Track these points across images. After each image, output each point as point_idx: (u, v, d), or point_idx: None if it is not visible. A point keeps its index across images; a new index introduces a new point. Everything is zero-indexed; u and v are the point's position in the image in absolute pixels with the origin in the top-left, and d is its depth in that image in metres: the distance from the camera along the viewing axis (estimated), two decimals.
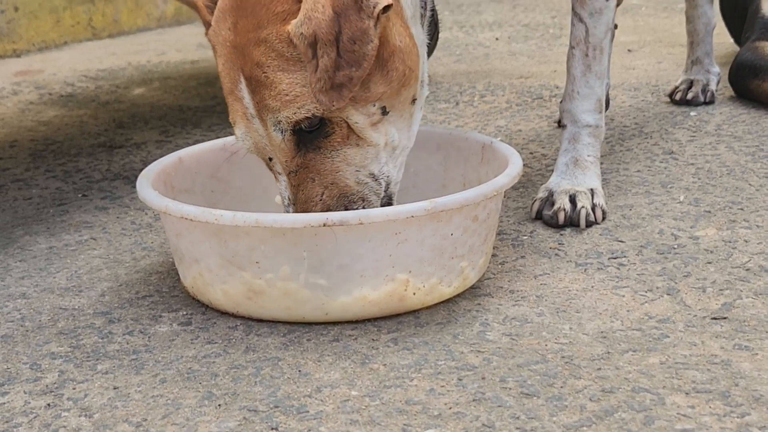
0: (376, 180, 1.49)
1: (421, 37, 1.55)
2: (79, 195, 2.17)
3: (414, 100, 1.51)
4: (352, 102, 1.41)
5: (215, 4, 1.50)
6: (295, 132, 1.43)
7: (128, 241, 1.87)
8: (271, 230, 1.38)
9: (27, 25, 4.16)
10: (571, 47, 1.89)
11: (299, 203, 1.47)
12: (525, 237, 1.78)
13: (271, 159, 1.48)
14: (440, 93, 2.98)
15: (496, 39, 3.95)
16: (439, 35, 3.30)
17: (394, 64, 1.42)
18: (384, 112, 1.45)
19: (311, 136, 1.43)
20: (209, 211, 1.41)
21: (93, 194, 2.17)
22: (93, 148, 2.55)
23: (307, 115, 1.40)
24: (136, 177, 2.25)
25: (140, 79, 3.49)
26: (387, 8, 1.34)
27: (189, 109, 2.96)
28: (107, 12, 4.47)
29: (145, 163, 2.37)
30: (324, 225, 1.36)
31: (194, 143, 2.54)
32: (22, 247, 1.86)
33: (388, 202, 1.52)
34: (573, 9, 1.87)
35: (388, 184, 1.51)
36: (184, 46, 4.19)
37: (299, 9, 1.35)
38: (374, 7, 1.31)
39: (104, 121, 2.86)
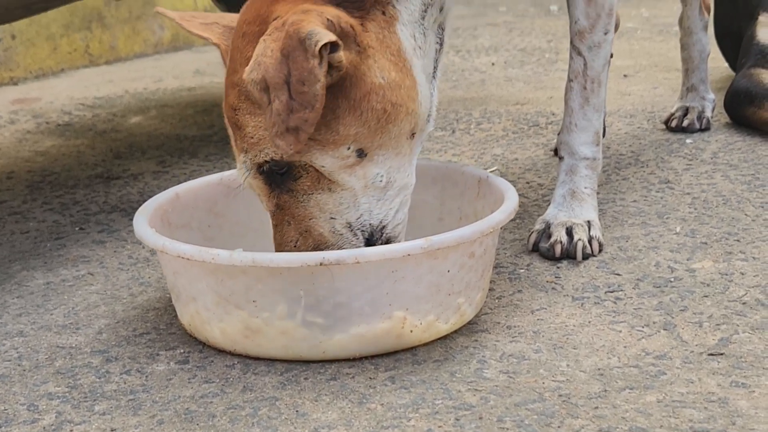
0: (353, 231, 1.47)
1: (429, 67, 1.53)
2: (77, 228, 2.17)
3: (413, 135, 1.49)
4: (317, 145, 1.39)
5: None
6: (264, 173, 1.44)
7: (125, 276, 1.87)
8: (268, 269, 1.39)
9: (24, 52, 4.17)
10: (569, 80, 1.90)
11: (276, 244, 1.49)
12: (522, 270, 1.78)
13: (259, 195, 1.50)
14: (437, 120, 2.98)
15: (492, 64, 3.96)
16: None
17: (370, 104, 1.40)
18: (361, 154, 1.43)
19: (282, 178, 1.44)
20: (206, 251, 1.42)
21: (90, 227, 2.17)
22: (90, 180, 2.56)
23: (266, 158, 1.41)
24: (134, 209, 2.26)
25: (137, 107, 3.50)
26: (334, 47, 1.32)
27: (186, 138, 2.97)
28: (104, 39, 4.48)
29: (143, 195, 2.38)
30: (321, 264, 1.37)
31: (191, 173, 2.54)
32: (20, 283, 1.86)
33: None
34: (571, 42, 1.88)
35: (381, 230, 1.50)
36: (181, 73, 4.20)
37: None
38: (315, 45, 1.29)
39: (101, 151, 2.86)
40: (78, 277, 1.88)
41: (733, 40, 2.99)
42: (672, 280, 1.70)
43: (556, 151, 2.51)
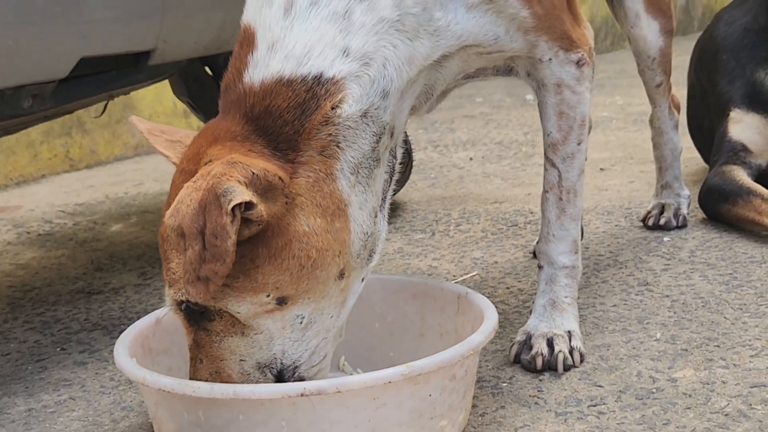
0: (261, 370, 1.47)
1: (372, 201, 1.52)
2: (58, 348, 2.17)
3: (341, 275, 1.47)
4: (234, 292, 1.39)
5: None
6: (183, 310, 1.44)
7: (107, 401, 1.86)
8: (249, 401, 1.38)
9: (5, 160, 4.19)
10: (545, 191, 1.91)
11: (189, 379, 1.48)
12: (504, 383, 1.78)
13: None
14: (416, 222, 3.01)
15: (470, 159, 4.00)
16: (413, 156, 3.34)
17: (292, 251, 1.39)
18: (281, 302, 1.42)
19: (200, 316, 1.44)
20: (186, 383, 1.42)
21: (71, 347, 2.17)
22: (71, 295, 2.56)
23: (182, 298, 1.41)
24: (115, 327, 2.26)
25: (118, 214, 3.51)
26: (249, 205, 1.32)
27: None
28: (84, 143, 4.51)
29: (124, 311, 2.38)
30: (302, 395, 1.37)
31: None
32: (1, 410, 1.85)
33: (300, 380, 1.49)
34: (545, 154, 1.90)
35: (284, 369, 1.47)
36: (162, 175, 4.22)
37: None
38: (228, 204, 1.29)
39: (82, 263, 2.87)
40: (59, 403, 1.87)
41: (706, 136, 3.03)
42: (654, 391, 1.70)
43: (534, 254, 2.53)
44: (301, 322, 1.45)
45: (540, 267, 1.94)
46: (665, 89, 2.61)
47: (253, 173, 1.35)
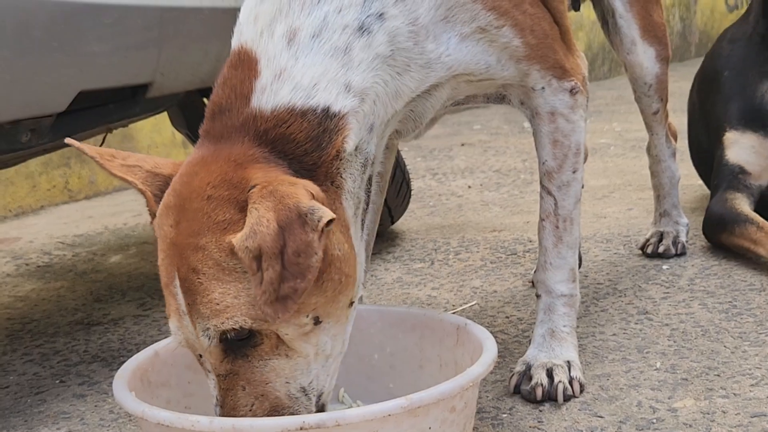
0: (307, 395, 1.47)
1: (358, 235, 1.55)
2: (57, 381, 2.16)
3: (351, 304, 1.50)
4: None
5: (162, 194, 1.51)
6: (224, 340, 1.42)
7: None
8: None
9: (3, 191, 4.20)
10: (541, 219, 1.91)
11: (227, 408, 1.46)
12: (504, 415, 1.78)
13: (201, 356, 1.48)
14: (415, 251, 3.01)
15: (469, 187, 4.01)
16: (411, 185, 3.34)
17: (330, 274, 1.41)
18: (317, 321, 1.43)
19: (240, 344, 1.43)
20: (186, 417, 1.41)
21: (71, 380, 2.16)
22: (71, 326, 2.55)
23: (234, 326, 1.39)
24: (114, 358, 2.26)
25: (117, 245, 3.51)
26: (330, 221, 1.33)
27: None
28: (83, 174, 4.52)
29: (123, 343, 2.37)
30: (301, 429, 1.36)
31: None
32: None
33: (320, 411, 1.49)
34: (541, 182, 1.90)
35: (319, 396, 1.49)
36: None
37: (241, 219, 1.36)
38: (319, 221, 1.31)
39: (81, 294, 2.86)
40: None
41: (706, 159, 3.03)
42: (654, 421, 1.70)
43: (533, 283, 2.53)
44: (326, 348, 1.47)
45: (538, 296, 1.94)
46: (662, 116, 2.62)
47: (311, 192, 1.36)
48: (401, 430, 1.42)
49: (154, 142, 4.79)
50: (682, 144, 2.97)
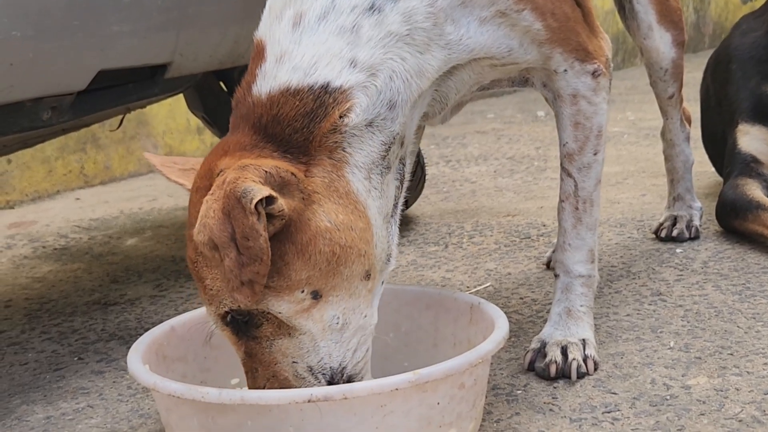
0: (314, 375, 1.49)
1: (386, 208, 1.56)
2: (75, 358, 2.19)
3: (368, 276, 1.50)
4: (272, 292, 1.41)
5: None
6: (229, 323, 1.47)
7: (125, 408, 1.88)
8: (258, 407, 1.40)
9: (20, 176, 4.22)
10: (561, 201, 1.92)
11: (249, 389, 1.51)
12: (519, 391, 1.79)
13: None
14: (429, 235, 3.02)
15: (482, 174, 4.02)
16: (426, 171, 3.35)
17: (317, 247, 1.42)
18: (316, 296, 1.44)
19: (246, 325, 1.46)
20: (196, 389, 1.43)
21: (89, 357, 2.18)
22: (88, 306, 2.58)
23: (225, 309, 1.44)
24: (131, 336, 2.28)
25: (133, 229, 3.53)
26: (270, 200, 1.35)
27: (182, 260, 3.00)
28: (99, 159, 4.55)
29: (140, 322, 2.40)
30: (309, 401, 1.38)
31: (188, 297, 2.57)
32: (20, 418, 1.87)
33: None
34: (561, 164, 1.91)
35: (341, 371, 1.50)
36: (176, 191, 4.24)
37: None
38: (251, 203, 1.32)
39: (98, 276, 2.89)
40: (78, 410, 1.89)
41: (719, 146, 3.04)
42: (668, 397, 1.71)
43: (548, 264, 2.54)
44: (338, 323, 1.48)
45: (556, 276, 1.95)
46: (677, 101, 2.63)
47: (266, 171, 1.38)
48: (410, 406, 1.44)
49: (169, 127, 4.81)
50: (695, 132, 2.97)
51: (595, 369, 1.84)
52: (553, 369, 1.82)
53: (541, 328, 1.93)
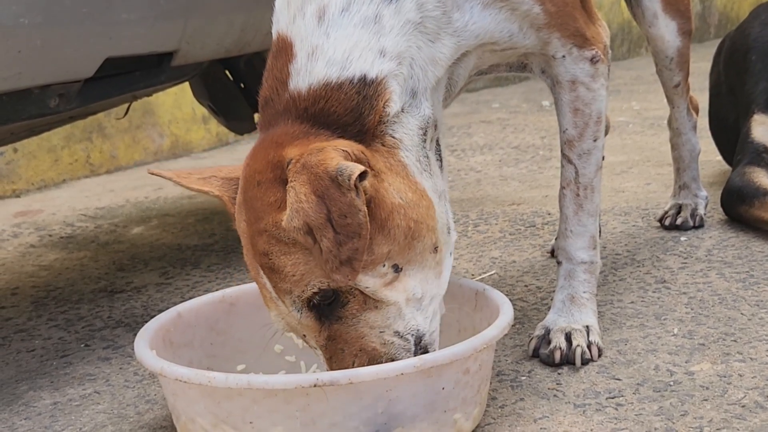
0: (402, 337, 1.51)
1: (439, 185, 1.60)
2: (82, 345, 2.20)
3: (436, 249, 1.54)
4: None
5: None
6: (313, 307, 1.48)
7: (132, 394, 1.89)
8: (264, 391, 1.41)
9: (26, 165, 4.24)
10: (562, 187, 1.93)
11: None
12: (523, 377, 1.80)
13: (305, 335, 1.53)
14: None
15: (487, 163, 4.02)
16: None
17: (395, 222, 1.46)
18: (397, 269, 1.48)
19: (330, 308, 1.48)
20: (203, 374, 1.44)
21: (95, 344, 2.20)
22: (94, 294, 2.59)
23: (314, 290, 1.45)
24: (138, 324, 2.29)
25: (138, 217, 3.55)
26: (363, 175, 1.37)
27: (188, 248, 3.01)
28: (105, 148, 4.56)
29: (146, 309, 2.41)
30: (314, 386, 1.39)
31: (194, 285, 2.58)
32: (27, 404, 1.88)
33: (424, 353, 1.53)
34: (561, 151, 1.92)
35: (419, 338, 1.53)
36: None
37: None
38: (350, 179, 1.35)
39: (104, 264, 2.90)
40: (85, 396, 1.90)
41: (730, 135, 3.03)
42: (671, 383, 1.72)
43: (552, 253, 2.55)
44: (417, 293, 1.51)
45: (559, 263, 1.96)
46: (683, 90, 2.63)
47: (344, 150, 1.41)
48: (415, 390, 1.45)
49: (175, 117, 4.82)
50: (702, 121, 2.98)
51: (599, 355, 1.85)
52: (557, 355, 1.83)
53: (546, 315, 1.94)
